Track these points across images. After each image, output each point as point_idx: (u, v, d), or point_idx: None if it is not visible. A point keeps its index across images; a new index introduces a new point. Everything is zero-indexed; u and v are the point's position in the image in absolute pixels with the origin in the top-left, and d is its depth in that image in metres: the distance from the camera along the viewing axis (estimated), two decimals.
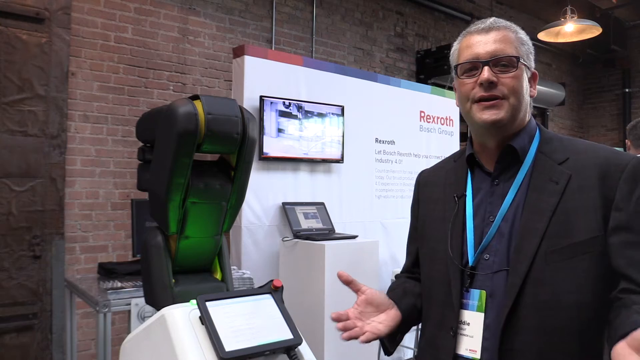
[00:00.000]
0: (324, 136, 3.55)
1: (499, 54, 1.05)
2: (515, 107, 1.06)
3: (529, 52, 1.10)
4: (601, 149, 1.06)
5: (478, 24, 1.11)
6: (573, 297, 0.98)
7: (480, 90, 1.06)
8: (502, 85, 1.05)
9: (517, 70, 1.05)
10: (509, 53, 1.05)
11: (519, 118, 1.08)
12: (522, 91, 1.07)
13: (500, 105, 1.05)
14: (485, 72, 1.04)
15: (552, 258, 0.99)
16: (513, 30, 1.10)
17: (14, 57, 3.00)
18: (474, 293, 1.06)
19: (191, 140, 1.09)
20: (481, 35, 1.08)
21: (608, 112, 7.69)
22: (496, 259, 1.05)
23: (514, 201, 1.06)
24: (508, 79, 1.05)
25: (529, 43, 1.11)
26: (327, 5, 4.64)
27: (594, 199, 0.99)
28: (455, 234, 1.11)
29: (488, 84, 1.04)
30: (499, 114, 1.05)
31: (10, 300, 2.98)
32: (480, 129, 1.09)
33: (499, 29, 1.08)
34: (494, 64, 1.05)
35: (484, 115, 1.06)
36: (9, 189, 2.99)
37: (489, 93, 1.05)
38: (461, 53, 1.11)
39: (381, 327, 1.11)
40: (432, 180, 1.27)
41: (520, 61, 1.06)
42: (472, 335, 1.05)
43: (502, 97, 1.05)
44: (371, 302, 1.12)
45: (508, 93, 1.05)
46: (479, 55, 1.06)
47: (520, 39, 1.09)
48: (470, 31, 1.11)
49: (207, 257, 1.26)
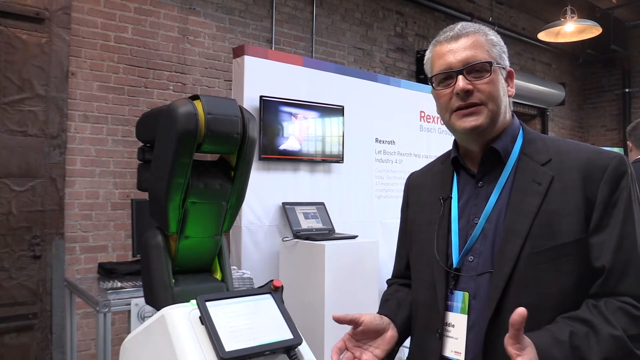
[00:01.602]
0: (324, 136, 3.55)
1: (472, 61, 1.05)
2: (494, 112, 1.06)
3: (502, 51, 1.10)
4: (584, 150, 1.06)
5: (447, 31, 1.10)
6: (556, 299, 0.98)
7: (457, 100, 1.06)
8: (479, 92, 1.05)
9: (492, 74, 1.05)
10: (481, 59, 1.05)
11: (499, 121, 1.08)
12: (499, 94, 1.07)
13: (479, 112, 1.05)
14: (460, 82, 1.04)
15: (535, 260, 0.99)
16: (483, 33, 1.09)
17: (14, 57, 3.00)
18: (458, 295, 1.06)
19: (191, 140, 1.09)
20: (451, 44, 1.08)
21: (608, 112, 7.69)
22: (480, 260, 1.05)
23: (497, 203, 1.06)
24: (483, 85, 1.05)
25: (501, 42, 1.11)
26: (327, 5, 4.64)
27: (577, 200, 0.99)
28: (441, 236, 1.12)
29: (464, 93, 1.05)
30: (478, 119, 1.05)
31: (10, 300, 2.98)
32: (462, 135, 1.10)
33: (468, 35, 1.07)
34: (468, 71, 1.05)
35: (464, 123, 1.06)
36: (9, 189, 2.99)
37: (466, 102, 1.05)
38: (434, 63, 1.11)
39: (378, 352, 1.10)
40: (420, 183, 1.28)
41: (493, 65, 1.05)
42: (456, 337, 1.05)
43: (480, 103, 1.05)
44: (367, 330, 1.11)
45: (485, 99, 1.05)
46: (452, 65, 1.06)
47: (491, 41, 1.08)
48: (440, 40, 1.11)
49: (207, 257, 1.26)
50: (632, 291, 0.95)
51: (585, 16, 5.23)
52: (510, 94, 1.11)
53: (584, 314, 0.95)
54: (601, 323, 0.93)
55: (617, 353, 0.91)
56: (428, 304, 1.12)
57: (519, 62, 6.70)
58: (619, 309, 0.94)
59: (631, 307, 0.94)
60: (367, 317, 1.11)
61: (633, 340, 0.92)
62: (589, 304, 0.97)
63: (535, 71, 6.98)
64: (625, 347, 0.92)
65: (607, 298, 0.96)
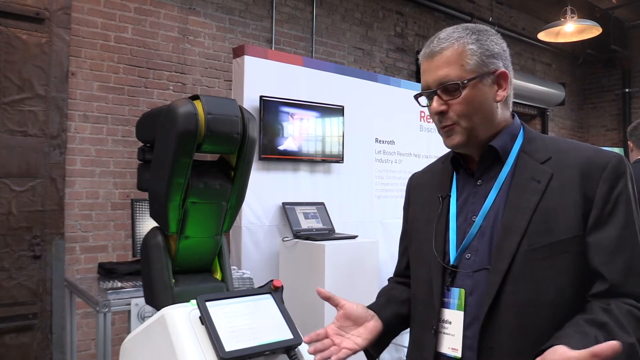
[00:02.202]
0: (324, 136, 3.55)
1: (444, 81, 1.05)
2: (469, 128, 1.06)
3: (487, 55, 1.06)
4: (583, 148, 1.06)
5: (428, 45, 1.10)
6: (552, 296, 0.98)
7: (436, 119, 1.09)
8: (452, 112, 1.06)
9: (465, 92, 1.04)
10: (452, 78, 1.04)
11: (481, 131, 1.08)
12: (476, 109, 1.06)
13: (454, 131, 1.07)
14: (434, 103, 1.07)
15: (532, 256, 0.99)
16: (460, 43, 1.05)
17: (14, 57, 3.00)
18: (454, 291, 1.07)
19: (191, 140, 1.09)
20: (427, 62, 1.09)
21: (608, 112, 7.68)
22: (477, 257, 1.05)
23: (495, 200, 1.06)
24: (456, 105, 1.05)
25: (487, 44, 1.06)
26: (327, 5, 4.64)
27: (575, 198, 1.00)
28: (439, 234, 1.13)
29: (439, 115, 1.07)
30: (454, 139, 1.08)
31: (10, 300, 2.98)
32: (451, 149, 1.14)
33: (441, 51, 1.06)
34: (442, 91, 1.06)
35: (446, 141, 1.11)
36: (9, 189, 2.99)
37: (441, 124, 1.08)
38: (421, 79, 1.13)
39: (359, 340, 1.11)
40: (421, 183, 1.29)
41: (465, 83, 1.03)
42: (453, 333, 1.05)
43: (453, 123, 1.07)
44: (349, 317, 1.12)
45: (457, 118, 1.06)
46: (429, 85, 1.08)
47: (470, 51, 1.05)
48: (421, 55, 1.12)
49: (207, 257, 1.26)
50: (633, 291, 0.95)
51: (585, 16, 5.23)
52: (499, 98, 1.07)
53: (600, 317, 0.93)
54: (616, 328, 0.91)
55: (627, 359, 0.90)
56: (424, 301, 1.13)
57: (519, 62, 6.70)
58: (627, 312, 0.93)
59: (637, 310, 0.94)
60: (350, 303, 1.13)
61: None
62: (601, 307, 0.95)
63: (535, 71, 6.98)
64: (636, 354, 0.91)
65: (614, 300, 0.95)
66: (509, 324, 0.98)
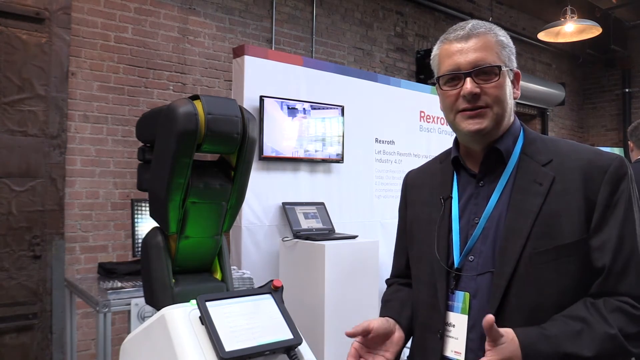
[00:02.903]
0: (324, 136, 3.55)
1: (481, 64, 1.03)
2: (499, 115, 1.06)
3: (511, 53, 1.08)
4: (584, 151, 1.06)
5: (457, 29, 1.08)
6: (556, 299, 0.98)
7: (463, 102, 1.05)
8: (486, 95, 1.04)
9: (500, 78, 1.04)
10: (491, 62, 1.04)
11: (503, 123, 1.08)
12: (506, 98, 1.06)
13: (484, 114, 1.05)
14: (468, 85, 1.03)
15: (536, 260, 0.99)
16: (493, 34, 1.07)
17: (14, 57, 3.00)
18: (459, 295, 1.06)
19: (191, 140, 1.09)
20: (461, 43, 1.05)
21: (608, 112, 7.68)
22: (480, 260, 1.05)
23: (498, 202, 1.06)
24: (491, 88, 1.04)
25: (510, 43, 1.09)
26: (327, 5, 4.64)
27: (578, 201, 1.00)
28: (442, 236, 1.12)
29: (472, 96, 1.03)
30: (483, 122, 1.05)
31: (10, 300, 2.98)
32: (466, 137, 1.09)
33: (478, 36, 1.05)
34: (476, 74, 1.03)
35: (469, 125, 1.05)
36: (9, 189, 2.99)
37: (473, 105, 1.04)
38: (442, 62, 1.09)
39: (388, 354, 1.10)
40: (418, 182, 1.27)
41: (502, 68, 1.04)
42: (457, 337, 1.05)
43: (486, 106, 1.04)
44: (377, 337, 1.10)
45: (492, 102, 1.04)
46: (460, 66, 1.04)
47: (501, 42, 1.07)
48: (449, 38, 1.08)
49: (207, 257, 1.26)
50: (631, 291, 0.96)
51: (585, 16, 5.23)
52: (516, 96, 1.10)
53: (580, 312, 0.96)
54: (597, 321, 0.93)
55: (610, 351, 0.92)
56: (428, 303, 1.12)
57: (519, 62, 6.61)
58: (617, 308, 0.95)
59: (629, 306, 0.95)
60: (375, 322, 1.11)
61: (629, 339, 0.93)
62: (586, 302, 0.97)
63: (535, 71, 6.98)
64: (619, 346, 0.92)
65: (606, 297, 0.96)
66: (513, 327, 0.98)
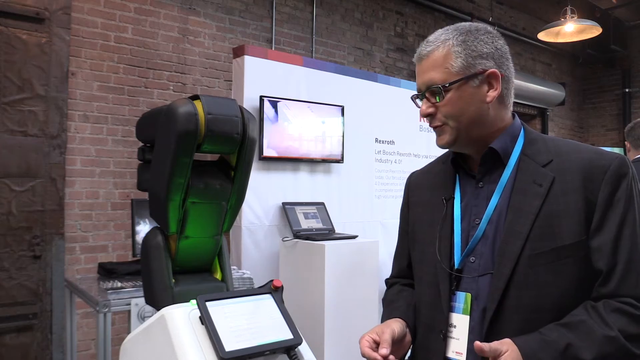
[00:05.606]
0: (324, 136, 3.55)
1: (430, 84, 1.07)
2: (458, 128, 1.07)
3: (473, 56, 1.04)
4: (584, 150, 1.05)
5: (418, 48, 1.12)
6: (556, 301, 0.98)
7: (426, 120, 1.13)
8: (439, 113, 1.08)
9: (449, 94, 1.05)
10: (436, 82, 1.06)
11: (472, 132, 1.07)
12: (463, 110, 1.05)
13: (443, 131, 1.09)
14: (423, 106, 1.11)
15: (535, 261, 0.99)
16: (446, 46, 1.05)
17: (14, 57, 3.00)
18: (460, 296, 1.06)
19: (191, 140, 1.09)
20: (417, 66, 1.12)
21: (608, 112, 7.69)
22: (481, 261, 1.05)
23: (498, 203, 1.06)
24: (442, 107, 1.07)
25: (475, 45, 1.05)
26: (327, 5, 4.64)
27: (578, 202, 0.99)
28: (443, 237, 1.12)
29: (427, 117, 1.10)
30: (444, 138, 1.10)
31: (10, 300, 2.98)
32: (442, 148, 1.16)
33: (427, 55, 1.08)
34: (430, 94, 1.08)
35: (437, 140, 1.13)
36: (9, 189, 2.99)
37: (431, 125, 1.11)
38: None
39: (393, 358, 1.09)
40: (421, 183, 1.27)
41: (447, 87, 1.04)
42: (458, 337, 1.05)
43: (442, 123, 1.08)
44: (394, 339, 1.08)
45: (445, 119, 1.08)
46: (419, 87, 1.11)
47: (455, 53, 1.04)
48: (414, 59, 1.14)
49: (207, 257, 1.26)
50: (632, 292, 0.95)
51: (585, 16, 5.23)
52: (490, 99, 1.05)
53: (580, 315, 0.96)
54: (596, 324, 0.93)
55: (611, 353, 0.92)
56: (431, 304, 1.12)
57: (519, 62, 6.70)
58: (617, 309, 0.94)
59: (631, 307, 0.94)
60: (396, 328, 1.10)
61: (631, 340, 0.92)
62: (587, 306, 0.97)
63: (535, 71, 6.98)
64: (620, 347, 0.92)
65: (606, 299, 0.96)
66: (513, 328, 0.98)
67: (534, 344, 0.93)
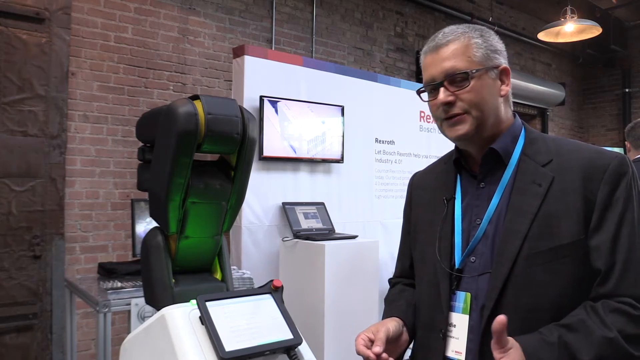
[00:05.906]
0: (324, 136, 3.55)
1: (451, 72, 1.05)
2: (480, 118, 1.06)
3: (490, 51, 1.07)
4: (585, 150, 1.05)
5: (430, 40, 1.11)
6: (553, 300, 0.98)
7: (442, 110, 1.08)
8: (461, 101, 1.06)
9: (473, 82, 1.04)
10: (460, 69, 1.05)
11: (489, 124, 1.08)
12: (485, 100, 1.06)
13: (463, 121, 1.07)
14: (441, 94, 1.07)
15: (533, 261, 0.99)
16: (465, 38, 1.07)
17: (14, 57, 3.00)
18: (460, 295, 1.07)
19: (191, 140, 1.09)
20: (432, 55, 1.09)
21: (608, 112, 7.69)
22: (481, 261, 1.05)
23: (499, 204, 1.06)
24: (465, 94, 1.05)
25: (490, 41, 1.09)
26: (327, 5, 4.64)
27: (577, 201, 0.99)
28: (444, 237, 1.12)
29: (446, 105, 1.07)
30: (463, 128, 1.07)
31: (10, 300, 2.98)
32: (454, 142, 1.13)
33: (447, 44, 1.07)
34: (449, 82, 1.06)
35: (451, 132, 1.09)
36: (9, 189, 2.99)
37: (448, 114, 1.07)
38: (423, 74, 1.13)
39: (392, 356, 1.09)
40: (423, 184, 1.28)
41: (473, 73, 1.04)
42: (458, 337, 1.06)
43: (463, 112, 1.06)
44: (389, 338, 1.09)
45: (468, 107, 1.06)
46: (434, 77, 1.08)
47: (475, 44, 1.07)
48: (425, 50, 1.12)
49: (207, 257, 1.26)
50: (631, 292, 0.95)
51: (585, 16, 5.23)
52: (503, 94, 1.09)
53: (579, 316, 0.96)
54: (595, 324, 0.93)
55: (610, 355, 0.92)
56: (431, 303, 1.12)
57: (519, 62, 6.70)
58: (616, 309, 0.94)
59: (629, 307, 0.94)
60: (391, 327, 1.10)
61: (629, 341, 0.92)
62: (586, 306, 0.97)
63: (535, 71, 6.98)
64: (619, 348, 0.92)
65: (605, 300, 0.96)
66: (510, 327, 0.97)
67: (535, 344, 0.93)
